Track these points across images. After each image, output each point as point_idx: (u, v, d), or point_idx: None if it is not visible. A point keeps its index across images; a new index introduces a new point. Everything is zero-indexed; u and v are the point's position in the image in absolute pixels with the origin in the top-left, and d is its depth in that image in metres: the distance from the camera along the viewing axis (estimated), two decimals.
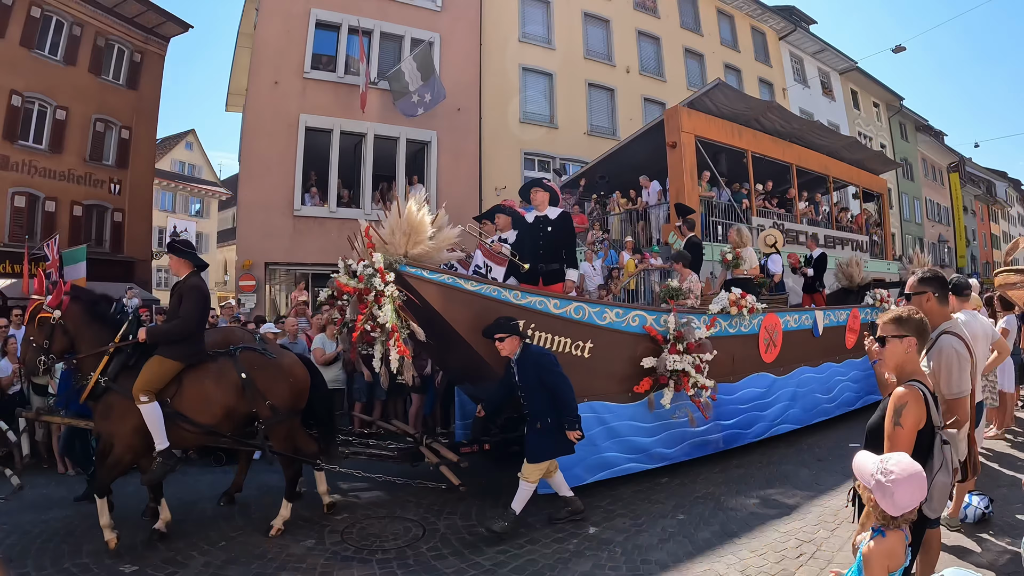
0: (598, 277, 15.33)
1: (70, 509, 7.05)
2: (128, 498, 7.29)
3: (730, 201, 17.35)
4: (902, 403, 3.42)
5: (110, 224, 24.01)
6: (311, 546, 6.05)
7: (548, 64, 22.80)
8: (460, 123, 20.32)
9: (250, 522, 6.72)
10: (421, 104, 17.49)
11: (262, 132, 17.64)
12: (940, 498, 3.54)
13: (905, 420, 3.40)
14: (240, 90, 19.80)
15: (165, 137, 44.36)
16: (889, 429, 3.45)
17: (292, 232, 17.76)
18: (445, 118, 19.97)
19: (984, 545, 5.49)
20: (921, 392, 3.45)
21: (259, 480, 8.23)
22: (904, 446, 3.34)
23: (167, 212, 40.55)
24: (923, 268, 4.75)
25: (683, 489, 7.47)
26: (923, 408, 3.43)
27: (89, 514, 6.71)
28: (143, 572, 5.39)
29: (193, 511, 7.07)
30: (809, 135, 20.05)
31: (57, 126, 21.79)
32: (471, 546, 5.98)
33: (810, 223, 20.35)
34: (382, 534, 6.38)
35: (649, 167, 17.51)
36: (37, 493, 7.66)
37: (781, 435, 10.06)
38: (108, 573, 5.36)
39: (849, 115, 36.18)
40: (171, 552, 5.80)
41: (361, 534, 6.39)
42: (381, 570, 5.52)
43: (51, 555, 5.73)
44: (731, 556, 5.60)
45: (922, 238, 42.62)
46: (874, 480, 2.93)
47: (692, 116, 16.29)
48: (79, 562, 5.57)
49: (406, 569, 5.52)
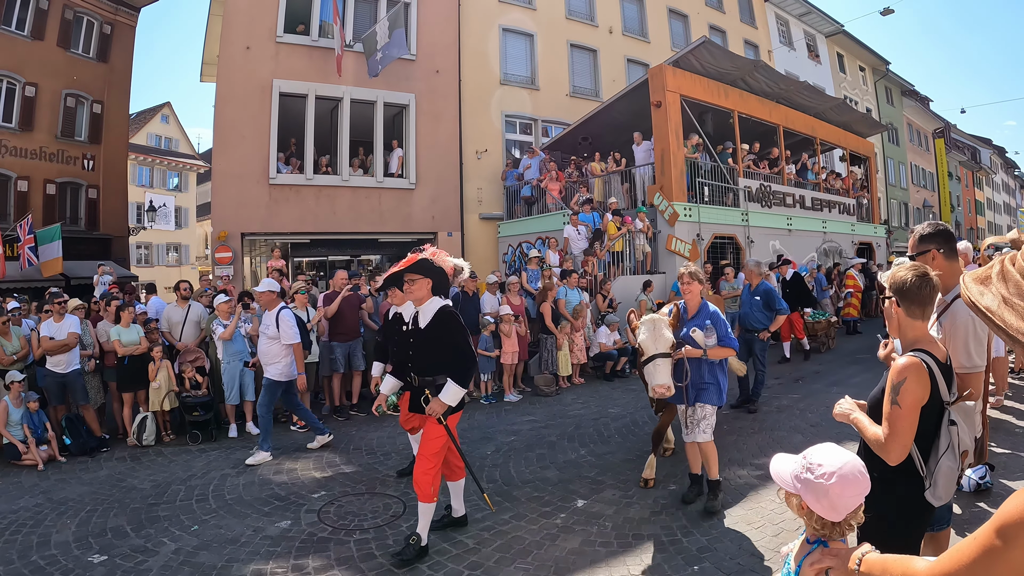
0: (582, 241, 15.03)
1: (40, 498, 6.77)
2: (99, 484, 7.16)
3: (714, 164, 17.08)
4: (901, 379, 2.92)
5: (85, 201, 23.44)
6: (286, 528, 5.80)
7: (529, 24, 22.21)
8: (439, 85, 19.79)
9: (224, 504, 6.48)
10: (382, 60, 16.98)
11: (235, 99, 17.08)
12: (946, 485, 3.02)
13: (904, 398, 2.91)
14: (214, 59, 19.19)
15: (140, 111, 43.87)
16: (886, 408, 2.96)
17: (268, 201, 17.29)
18: (423, 80, 19.51)
19: (986, 518, 5.11)
20: (925, 364, 2.94)
21: (234, 458, 8.04)
22: (904, 427, 2.88)
23: (144, 187, 40.01)
24: (924, 224, 4.11)
25: (673, 458, 7.21)
26: (926, 383, 2.93)
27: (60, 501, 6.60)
28: (112, 562, 5.16)
29: (166, 493, 6.82)
30: (796, 96, 19.89)
31: (26, 103, 21.16)
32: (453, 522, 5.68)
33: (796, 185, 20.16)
34: (360, 512, 6.14)
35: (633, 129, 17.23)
36: (8, 482, 7.36)
37: (772, 401, 9.97)
38: (76, 564, 5.13)
39: (835, 79, 35.91)
40: (141, 539, 5.56)
41: (338, 512, 6.14)
42: (359, 551, 5.27)
43: (19, 547, 5.50)
44: (727, 529, 5.36)
45: (907, 203, 42.67)
46: (801, 480, 2.26)
47: (677, 75, 16.02)
48: (47, 554, 5.35)
49: (385, 549, 5.26)
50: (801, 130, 20.50)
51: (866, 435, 3.07)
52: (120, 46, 24.56)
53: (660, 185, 15.94)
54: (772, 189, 18.53)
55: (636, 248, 15.37)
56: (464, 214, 20.05)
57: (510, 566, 4.91)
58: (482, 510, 5.92)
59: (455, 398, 5.15)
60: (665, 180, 15.82)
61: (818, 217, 20.56)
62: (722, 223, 16.88)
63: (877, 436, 2.97)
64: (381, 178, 18.88)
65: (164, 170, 43.63)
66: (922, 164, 46.25)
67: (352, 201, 18.39)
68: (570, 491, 6.42)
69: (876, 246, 24.12)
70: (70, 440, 8.40)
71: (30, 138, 21.33)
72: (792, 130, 20.05)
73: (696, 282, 5.95)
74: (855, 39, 37.70)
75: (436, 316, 5.26)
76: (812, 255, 19.66)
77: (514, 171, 19.81)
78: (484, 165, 20.48)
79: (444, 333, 5.24)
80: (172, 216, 41.91)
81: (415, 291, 5.33)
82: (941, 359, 3.03)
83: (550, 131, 22.29)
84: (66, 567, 5.09)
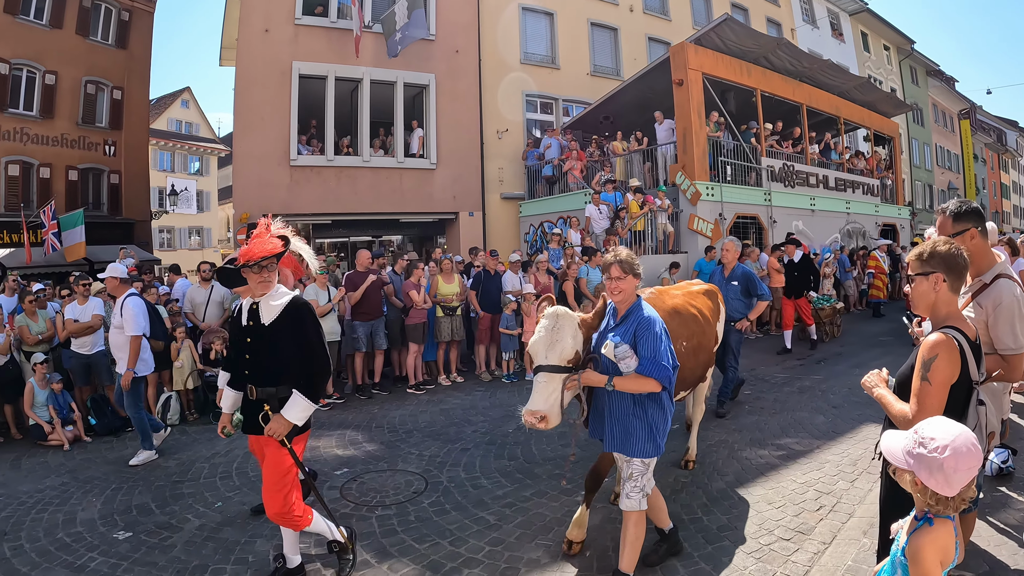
0: (604, 220, 14.94)
1: (67, 477, 6.82)
2: (124, 463, 7.18)
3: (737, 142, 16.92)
4: (932, 355, 2.87)
5: (107, 186, 23.70)
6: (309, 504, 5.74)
7: (548, 3, 22.05)
8: (459, 65, 19.73)
9: (247, 481, 6.50)
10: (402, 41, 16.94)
11: (254, 82, 17.14)
12: None
13: (934, 375, 2.86)
14: (233, 43, 19.22)
15: (160, 96, 44.07)
16: (916, 384, 2.91)
17: (289, 183, 17.38)
18: (443, 60, 19.46)
19: (1009, 503, 5.03)
20: (956, 341, 2.89)
21: None
22: (933, 405, 2.82)
23: (166, 172, 40.38)
24: (953, 202, 3.96)
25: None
26: (957, 360, 2.88)
27: (86, 480, 6.63)
28: (136, 538, 5.18)
29: (190, 471, 6.87)
30: (820, 75, 19.64)
31: (47, 91, 21.33)
32: (475, 500, 5.70)
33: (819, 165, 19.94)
34: (382, 488, 6.13)
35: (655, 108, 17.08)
36: (35, 462, 7.42)
37: (794, 381, 9.86)
38: (101, 541, 5.15)
39: (859, 58, 35.44)
40: (165, 516, 5.59)
41: (360, 489, 6.14)
42: (381, 527, 5.26)
43: (45, 525, 5.54)
44: (748, 509, 5.32)
45: (932, 185, 42.10)
46: (913, 456, 2.26)
47: (699, 53, 15.86)
48: (73, 531, 5.38)
49: (407, 525, 5.26)
50: (825, 109, 20.25)
51: (891, 411, 3.03)
52: (138, 32, 24.66)
53: (682, 164, 15.83)
54: (795, 169, 18.33)
55: (658, 227, 15.27)
56: (485, 194, 20.07)
57: (531, 542, 4.89)
58: (503, 486, 5.91)
59: (303, 415, 4.22)
60: (687, 159, 15.71)
61: (841, 198, 20.33)
62: (744, 203, 16.74)
63: (904, 412, 2.93)
64: (402, 158, 18.91)
65: (185, 154, 43.91)
66: (947, 145, 45.57)
67: (373, 182, 18.42)
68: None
69: (900, 228, 23.82)
70: (95, 420, 8.45)
71: (51, 125, 21.52)
72: (816, 109, 19.82)
73: (631, 276, 4.11)
74: (879, 17, 37.04)
75: (286, 310, 4.25)
76: (835, 236, 19.45)
77: (535, 151, 19.77)
78: (505, 145, 20.44)
79: (294, 332, 4.24)
80: (194, 200, 42.20)
81: (272, 279, 4.32)
82: (971, 337, 2.99)
83: (571, 110, 22.21)
84: (91, 543, 5.11)
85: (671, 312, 5.38)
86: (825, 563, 4.34)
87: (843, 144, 22.24)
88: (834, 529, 4.83)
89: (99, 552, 4.93)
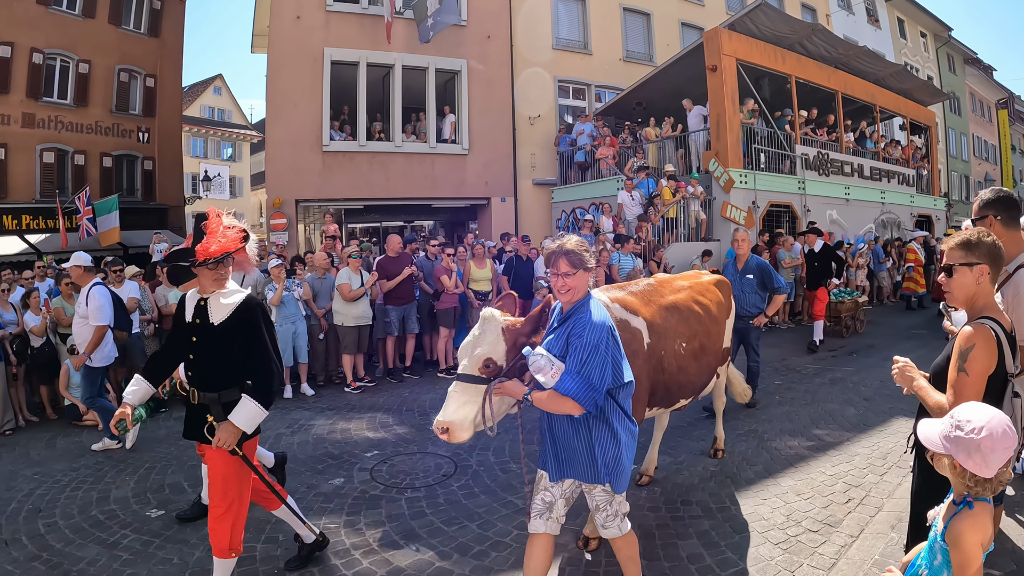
0: (637, 207, 14.84)
1: (101, 456, 6.91)
2: (157, 443, 7.27)
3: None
4: (969, 345, 2.82)
5: (141, 173, 24.13)
6: (339, 485, 5.88)
7: None
8: (491, 51, 19.67)
9: None
10: (434, 27, 16.94)
11: (286, 68, 17.25)
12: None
13: (972, 366, 2.80)
14: (264, 31, 19.38)
15: (193, 84, 44.45)
16: (952, 375, 2.86)
17: (322, 168, 17.51)
18: (475, 46, 19.40)
19: None
20: (993, 332, 2.84)
21: (289, 419, 8.16)
22: (970, 395, 2.76)
23: (199, 158, 40.85)
24: (988, 189, 3.92)
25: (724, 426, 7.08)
26: (994, 351, 2.82)
27: (119, 459, 6.72)
28: (168, 516, 5.27)
29: None
30: (855, 61, 19.34)
31: (80, 80, 21.70)
32: (504, 484, 5.71)
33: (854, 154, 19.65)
34: (412, 471, 6.17)
35: (688, 94, 16.92)
36: (70, 441, 7.54)
37: (825, 372, 9.78)
38: (134, 518, 5.24)
39: (895, 44, 34.83)
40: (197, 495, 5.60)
41: (391, 471, 6.18)
42: (410, 509, 5.30)
43: (79, 503, 5.64)
44: (776, 499, 5.28)
45: (968, 176, 41.41)
46: (951, 440, 2.25)
47: (733, 38, 15.69)
48: (106, 508, 5.48)
49: (436, 508, 5.30)
50: (860, 97, 19.94)
51: (928, 402, 2.99)
52: (170, 21, 24.99)
53: (715, 151, 15.68)
54: (830, 157, 18.08)
55: (690, 215, 15.16)
56: (517, 180, 20.05)
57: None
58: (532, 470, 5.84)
59: (253, 422, 3.89)
60: (720, 146, 15.56)
61: (876, 187, 20.01)
62: (778, 191, 16.55)
63: (940, 403, 2.89)
64: (434, 144, 18.94)
65: (218, 141, 44.32)
66: (984, 136, 44.72)
67: (405, 167, 18.49)
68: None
69: (935, 219, 23.35)
70: None
71: (85, 113, 21.89)
72: (851, 96, 19.51)
73: (581, 270, 3.34)
74: (916, 3, 36.45)
75: (239, 311, 3.90)
76: (870, 226, 19.18)
77: (567, 136, 19.70)
78: (537, 131, 20.38)
79: (247, 334, 3.90)
80: (226, 185, 42.61)
81: (226, 275, 3.98)
82: (1007, 329, 2.96)
83: (603, 96, 22.08)
84: (124, 521, 5.20)
85: (669, 308, 4.88)
86: (852, 556, 4.29)
87: (879, 133, 21.87)
88: (862, 522, 4.78)
89: (132, 529, 5.01)
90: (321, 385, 9.94)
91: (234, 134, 45.38)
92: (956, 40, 40.49)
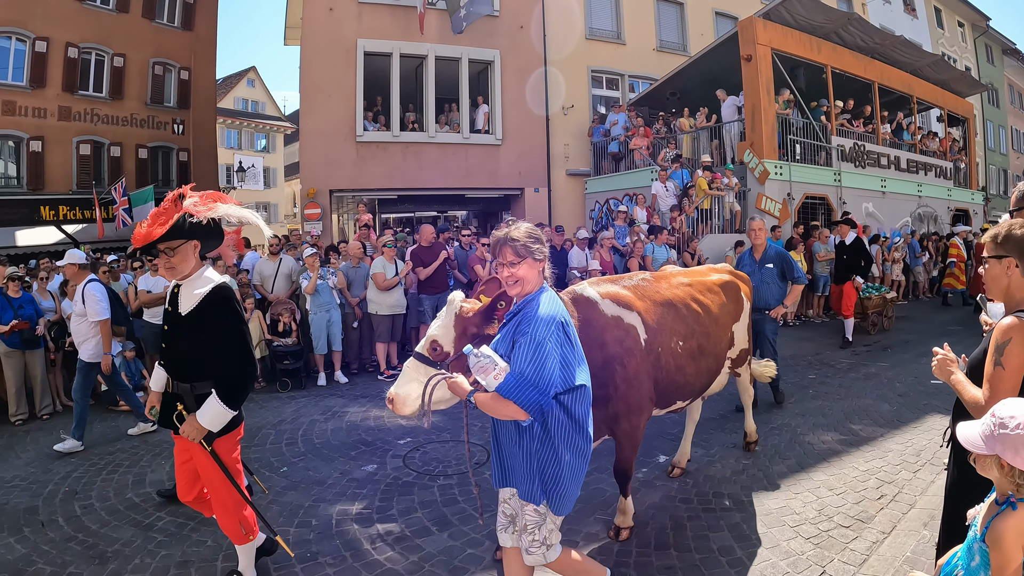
0: (671, 198, 14.77)
1: (136, 440, 7.04)
2: None
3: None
4: (1006, 339, 2.74)
5: (176, 164, 24.49)
6: (372, 471, 5.93)
7: None
8: (523, 41, 19.62)
9: (312, 448, 6.68)
10: (467, 17, 16.92)
11: (320, 60, 17.37)
12: None
13: (1008, 360, 2.72)
14: (297, 23, 19.51)
15: (226, 76, 44.99)
16: (988, 369, 2.78)
17: (356, 158, 17.64)
18: (508, 36, 19.38)
19: None
20: None
21: (323, 405, 8.26)
22: (1007, 390, 2.68)
23: (233, 149, 41.30)
24: None
25: (757, 419, 7.04)
26: None
27: (156, 443, 6.83)
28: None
29: (256, 437, 7.05)
30: (892, 51, 19.04)
31: (115, 73, 22.06)
32: None
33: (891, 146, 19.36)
34: (445, 459, 6.21)
35: (722, 84, 16.77)
36: (107, 426, 7.69)
37: (859, 367, 9.64)
38: (169, 501, 5.27)
39: (932, 34, 34.19)
40: None
41: (423, 459, 6.23)
42: (442, 496, 5.35)
43: (115, 485, 5.74)
44: (808, 494, 5.24)
45: (1007, 169, 40.55)
46: (996, 439, 2.15)
47: (768, 28, 15.53)
48: (141, 491, 5.58)
49: (468, 495, 5.33)
50: (897, 87, 19.63)
51: (964, 396, 2.91)
52: (204, 14, 25.29)
53: (750, 142, 15.54)
54: (866, 148, 17.84)
55: (725, 206, 15.05)
56: (551, 170, 20.05)
57: (590, 517, 4.92)
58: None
59: (216, 421, 3.68)
60: (755, 136, 15.41)
61: (913, 180, 19.72)
62: (814, 182, 16.38)
63: (976, 398, 2.81)
64: (467, 134, 19.00)
65: (252, 132, 44.76)
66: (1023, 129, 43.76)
67: (439, 157, 18.56)
68: (653, 446, 6.35)
69: (973, 213, 22.93)
70: None
71: (121, 106, 22.27)
72: (887, 87, 19.23)
73: (528, 259, 3.04)
74: None
75: (205, 301, 3.71)
76: (906, 219, 18.92)
77: (601, 127, 19.66)
78: (571, 121, 20.33)
79: (213, 327, 3.70)
80: (261, 176, 42.97)
81: (176, 263, 3.74)
82: None
83: (637, 86, 21.95)
84: (159, 503, 5.30)
85: (664, 304, 4.64)
86: (884, 553, 4.24)
87: (915, 124, 21.51)
88: (894, 519, 4.73)
89: (166, 512, 5.09)
90: (355, 373, 10.06)
91: (268, 125, 45.79)
92: (994, 30, 39.67)
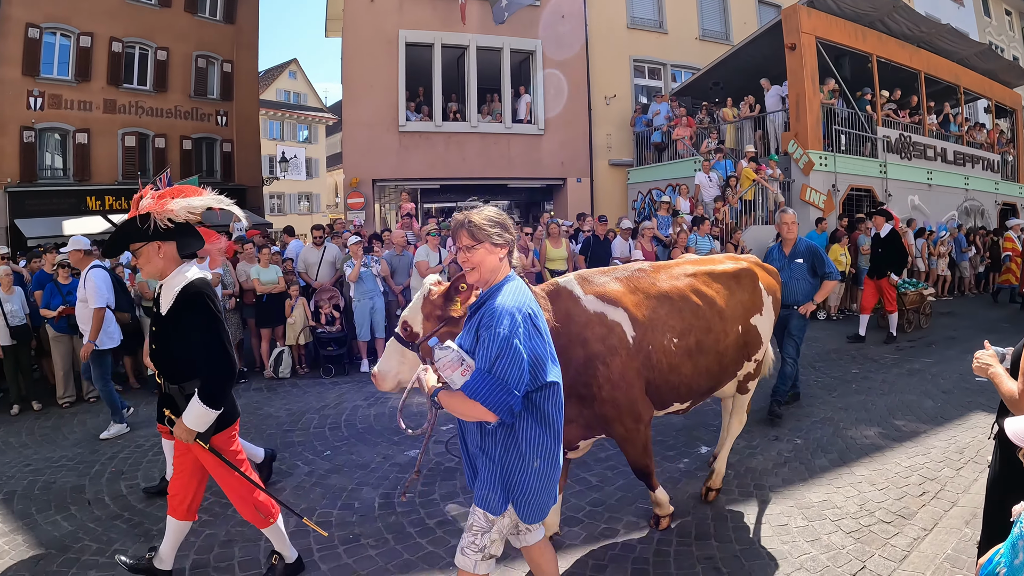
0: (714, 188, 14.66)
1: None
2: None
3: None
4: None
5: (220, 155, 24.89)
6: (414, 456, 5.99)
7: None
8: (565, 31, 19.49)
9: (355, 433, 6.80)
10: (508, 7, 16.91)
11: (362, 51, 17.49)
12: None
13: None
14: (338, 15, 19.71)
15: (268, 68, 45.48)
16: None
17: (398, 148, 17.75)
18: (549, 26, 19.31)
19: None
20: None
21: (366, 391, 8.36)
22: None
23: (276, 140, 41.91)
24: None
25: (799, 412, 7.05)
26: None
27: None
28: None
29: (300, 421, 7.20)
30: (938, 40, 18.63)
31: (159, 66, 22.51)
32: (578, 461, 5.68)
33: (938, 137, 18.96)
34: None
35: (765, 74, 16.57)
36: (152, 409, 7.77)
37: (903, 363, 9.56)
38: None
39: (979, 23, 33.25)
40: (276, 462, 5.82)
41: None
42: None
43: (160, 467, 5.85)
44: (849, 488, 5.21)
45: None
46: None
47: (813, 15, 15.31)
48: None
49: None
50: (944, 77, 19.18)
51: (1001, 389, 2.90)
52: (246, 7, 25.56)
53: (794, 132, 15.32)
54: (912, 140, 17.50)
55: (769, 197, 14.89)
56: (593, 160, 20.02)
57: (631, 505, 4.95)
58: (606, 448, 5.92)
59: (200, 422, 3.60)
60: (800, 127, 15.20)
61: (960, 172, 19.30)
62: (859, 174, 16.08)
63: (1012, 391, 2.80)
64: (510, 124, 19.03)
65: (294, 123, 45.20)
66: None
67: (481, 147, 18.64)
68: (694, 437, 6.41)
69: (1021, 207, 22.26)
70: None
71: (165, 98, 22.72)
72: (934, 77, 18.80)
73: (487, 244, 2.87)
74: None
75: (177, 299, 3.63)
76: (952, 213, 18.52)
77: (643, 117, 19.61)
78: (613, 111, 20.27)
79: (185, 325, 3.63)
80: (303, 167, 43.49)
81: (142, 265, 3.75)
82: None
83: (679, 76, 21.78)
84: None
85: (657, 297, 4.25)
86: (924, 550, 4.21)
87: (963, 115, 21.03)
88: (936, 516, 4.69)
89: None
90: None
91: (309, 117, 46.24)
92: None
